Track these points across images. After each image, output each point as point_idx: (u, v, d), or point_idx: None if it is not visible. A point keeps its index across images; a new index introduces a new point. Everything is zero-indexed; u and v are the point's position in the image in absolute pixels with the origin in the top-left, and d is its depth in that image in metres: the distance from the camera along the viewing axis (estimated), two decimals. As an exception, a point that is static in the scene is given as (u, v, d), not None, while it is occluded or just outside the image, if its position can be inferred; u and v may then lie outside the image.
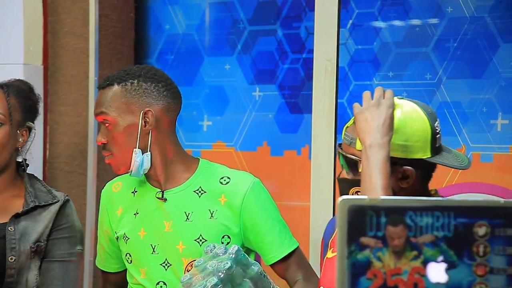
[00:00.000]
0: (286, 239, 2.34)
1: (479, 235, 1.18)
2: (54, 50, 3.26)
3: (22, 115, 2.41)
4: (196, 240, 2.30)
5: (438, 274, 1.18)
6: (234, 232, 2.31)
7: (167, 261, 2.32)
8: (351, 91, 2.97)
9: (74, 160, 3.25)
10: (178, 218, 2.33)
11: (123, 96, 2.30)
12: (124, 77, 2.32)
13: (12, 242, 2.30)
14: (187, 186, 2.35)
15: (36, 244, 2.32)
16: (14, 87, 2.41)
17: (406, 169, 1.91)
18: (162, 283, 2.31)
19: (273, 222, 2.33)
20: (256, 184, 2.34)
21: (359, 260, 1.16)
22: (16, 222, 2.33)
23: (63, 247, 2.36)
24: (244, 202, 2.31)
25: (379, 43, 2.95)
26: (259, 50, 3.18)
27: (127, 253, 2.37)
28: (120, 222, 2.40)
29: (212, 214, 2.31)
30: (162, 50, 3.36)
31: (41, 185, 2.44)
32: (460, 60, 2.81)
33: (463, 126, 2.80)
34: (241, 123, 3.19)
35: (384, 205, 1.17)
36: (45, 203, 2.37)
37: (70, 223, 2.39)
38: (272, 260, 2.32)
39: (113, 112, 2.29)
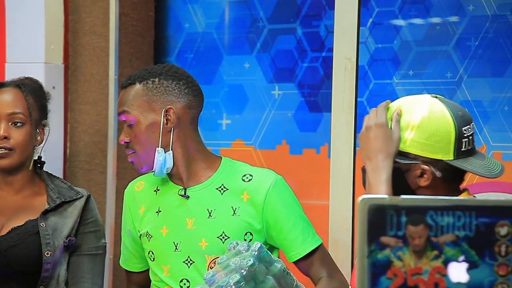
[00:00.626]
0: (309, 236, 2.33)
1: (501, 235, 1.17)
2: (75, 49, 3.28)
3: (39, 113, 2.44)
4: (219, 237, 2.31)
5: (459, 274, 1.17)
6: (257, 229, 2.31)
7: (190, 258, 2.32)
8: (371, 89, 2.97)
9: (94, 158, 3.26)
10: (201, 215, 2.33)
11: (145, 95, 2.31)
12: (146, 76, 2.33)
13: (47, 237, 2.33)
14: (210, 184, 2.35)
15: (68, 239, 2.36)
16: (29, 86, 2.44)
17: (423, 167, 1.91)
18: (185, 281, 2.32)
19: (296, 219, 2.33)
20: (279, 181, 2.34)
21: (380, 260, 1.16)
22: (46, 219, 2.36)
23: (90, 241, 2.41)
24: (266, 199, 2.31)
25: (399, 41, 2.94)
26: (278, 48, 3.17)
27: (149, 251, 2.38)
28: (142, 221, 2.41)
29: (235, 211, 2.32)
30: (182, 48, 3.36)
31: (60, 182, 2.47)
32: (482, 59, 2.79)
33: (484, 125, 2.78)
34: (260, 121, 3.19)
35: (405, 204, 1.17)
36: (70, 199, 2.40)
37: (95, 218, 2.43)
38: (295, 257, 2.32)
39: (135, 110, 2.30)
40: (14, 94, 2.40)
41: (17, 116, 2.38)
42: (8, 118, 2.37)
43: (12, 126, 2.37)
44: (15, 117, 2.38)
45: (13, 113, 2.37)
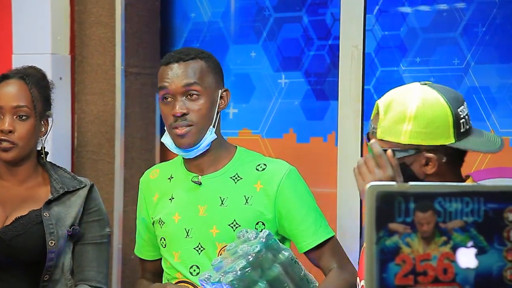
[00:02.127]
0: (321, 228, 2.34)
1: (509, 220, 1.18)
2: (81, 39, 3.28)
3: (43, 105, 2.45)
4: (230, 225, 2.32)
5: (468, 260, 1.17)
6: (268, 218, 2.32)
7: (200, 245, 2.34)
8: (378, 77, 2.96)
9: (101, 148, 3.27)
10: (213, 203, 2.35)
11: (211, 72, 2.35)
12: (204, 55, 2.36)
13: (50, 227, 2.34)
14: (224, 172, 2.37)
15: (72, 228, 2.38)
16: (34, 77, 2.44)
17: (428, 156, 1.91)
18: (196, 267, 2.33)
19: (308, 210, 2.34)
20: (292, 172, 2.35)
21: (388, 246, 1.16)
22: (49, 208, 2.37)
23: (94, 230, 2.43)
24: (279, 189, 2.32)
25: (406, 28, 2.93)
26: (284, 37, 3.17)
27: (161, 237, 2.40)
28: (156, 208, 2.42)
29: (247, 200, 2.33)
30: (188, 38, 3.36)
31: (63, 172, 2.49)
32: (489, 45, 2.78)
33: (492, 111, 2.78)
34: (267, 110, 3.19)
35: (413, 191, 1.17)
36: (73, 189, 2.42)
37: (98, 207, 2.45)
38: (306, 247, 2.32)
39: (204, 83, 2.32)
40: (19, 87, 2.40)
41: (22, 109, 2.38)
42: (13, 111, 2.37)
43: (16, 119, 2.38)
44: (20, 110, 2.38)
45: (18, 106, 2.38)
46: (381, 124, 1.93)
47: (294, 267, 2.25)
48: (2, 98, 2.39)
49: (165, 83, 2.31)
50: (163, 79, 2.33)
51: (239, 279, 2.12)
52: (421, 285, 1.17)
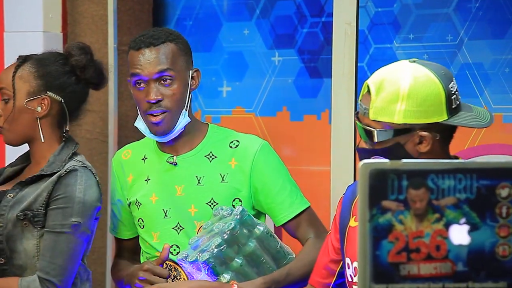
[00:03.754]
0: (297, 199, 2.36)
1: (502, 197, 1.18)
2: (73, 17, 3.26)
3: (38, 83, 2.35)
4: (207, 204, 2.33)
5: (460, 236, 1.18)
6: (244, 195, 2.33)
7: (179, 224, 2.35)
8: (371, 54, 2.96)
9: (95, 127, 3.26)
10: (190, 183, 2.35)
11: (181, 54, 2.33)
12: (172, 36, 2.34)
13: (3, 209, 2.29)
14: (199, 151, 2.37)
15: (23, 212, 2.28)
16: (33, 57, 2.39)
17: (422, 134, 1.91)
18: (175, 246, 2.34)
19: (284, 183, 2.35)
20: (265, 146, 2.36)
21: (381, 224, 1.16)
22: (21, 190, 2.32)
23: (56, 218, 2.28)
24: (253, 165, 2.33)
25: (399, 5, 2.92)
26: (277, 14, 3.16)
27: (139, 219, 2.40)
28: (131, 189, 2.42)
29: (223, 178, 2.34)
30: (181, 15, 3.35)
31: (65, 155, 2.37)
32: (482, 21, 2.78)
33: (485, 87, 2.78)
34: (261, 88, 3.19)
35: (406, 168, 1.17)
36: (51, 172, 2.31)
37: (68, 194, 2.29)
38: (284, 219, 2.34)
39: (177, 67, 2.31)
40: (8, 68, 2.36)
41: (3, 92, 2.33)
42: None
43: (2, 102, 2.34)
44: (2, 92, 2.33)
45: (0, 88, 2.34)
46: (373, 105, 1.90)
47: (270, 241, 2.26)
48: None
49: (137, 70, 2.29)
50: (135, 65, 2.30)
51: (215, 257, 2.13)
52: (414, 262, 1.17)
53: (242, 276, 2.18)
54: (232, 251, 2.17)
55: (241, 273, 2.19)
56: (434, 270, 1.17)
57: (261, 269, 2.22)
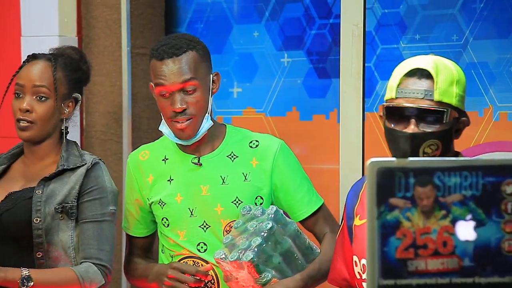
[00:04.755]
0: (313, 196, 2.40)
1: (507, 193, 1.18)
2: (88, 21, 3.27)
3: (69, 87, 2.43)
4: (233, 202, 2.35)
5: (467, 232, 1.18)
6: (266, 192, 2.36)
7: (205, 223, 2.36)
8: (378, 54, 2.95)
9: (109, 128, 3.27)
10: (215, 182, 2.37)
11: (202, 61, 2.34)
12: (192, 44, 2.34)
13: (38, 204, 2.32)
14: (220, 152, 2.39)
15: (61, 205, 2.34)
16: (63, 59, 2.43)
17: (464, 120, 1.90)
18: (203, 244, 2.36)
19: (302, 181, 2.39)
20: (283, 146, 2.40)
21: (389, 221, 1.17)
22: (46, 185, 2.36)
23: (95, 208, 2.37)
24: (274, 163, 2.36)
25: (405, 6, 2.92)
26: (286, 16, 3.16)
27: (163, 218, 2.41)
28: (152, 189, 2.43)
29: (246, 177, 2.36)
30: (192, 19, 3.35)
31: (76, 150, 2.45)
32: (487, 21, 2.77)
33: (490, 86, 2.77)
34: (270, 89, 3.19)
35: (413, 166, 1.17)
36: (73, 166, 2.38)
37: (100, 185, 2.38)
38: (303, 216, 2.38)
39: (199, 76, 2.32)
40: (43, 67, 2.40)
41: (41, 89, 2.37)
42: (33, 91, 2.38)
43: (36, 99, 2.38)
44: (39, 90, 2.37)
45: (38, 86, 2.38)
46: (437, 86, 1.85)
47: (300, 238, 2.30)
48: (24, 76, 2.39)
49: (162, 80, 2.30)
50: (159, 76, 2.30)
51: (257, 255, 2.15)
52: (421, 257, 1.17)
53: (279, 273, 2.21)
54: (271, 250, 2.19)
55: (279, 271, 2.21)
56: (441, 265, 1.17)
57: (294, 265, 2.25)
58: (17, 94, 2.39)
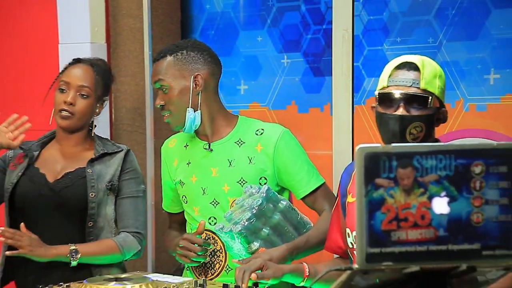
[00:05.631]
0: (313, 177, 2.36)
1: (475, 173, 1.18)
2: (115, 30, 3.27)
3: (103, 90, 2.50)
4: (238, 182, 2.34)
5: (441, 207, 1.18)
6: (269, 174, 2.34)
7: (215, 200, 2.36)
8: (365, 55, 2.95)
9: (134, 122, 3.28)
10: (223, 165, 2.37)
11: (176, 65, 2.34)
12: (175, 49, 2.36)
13: (92, 181, 2.39)
14: (229, 139, 2.39)
15: (110, 183, 2.42)
16: (99, 67, 2.49)
17: (444, 111, 1.90)
18: (213, 218, 2.37)
19: (302, 163, 2.36)
20: (286, 133, 2.37)
21: (375, 198, 1.17)
22: (92, 166, 2.42)
23: (131, 186, 2.45)
24: (276, 149, 2.34)
25: (388, 13, 2.91)
26: (286, 23, 3.16)
27: (183, 196, 2.43)
28: (176, 171, 2.45)
29: (251, 160, 2.35)
30: (204, 26, 3.35)
31: (107, 140, 2.54)
32: (458, 26, 2.77)
33: (461, 82, 2.77)
34: (272, 86, 3.18)
35: (395, 151, 1.18)
36: (112, 151, 2.46)
37: (134, 167, 2.47)
38: (303, 194, 2.35)
39: (168, 78, 2.33)
40: (86, 71, 2.45)
41: (84, 89, 2.43)
42: (77, 89, 2.42)
43: (79, 96, 2.42)
44: (83, 89, 2.43)
45: (82, 85, 2.43)
46: (423, 76, 1.85)
47: (291, 213, 2.27)
48: (71, 76, 2.43)
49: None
50: None
51: (246, 228, 2.15)
52: (403, 229, 1.17)
53: (270, 244, 2.20)
54: (260, 223, 2.19)
55: (269, 241, 2.20)
56: (419, 235, 1.17)
57: (285, 237, 2.24)
58: (62, 89, 2.44)
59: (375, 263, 1.16)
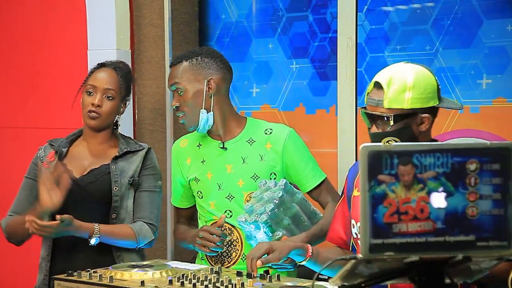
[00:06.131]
0: (317, 172, 2.39)
1: (471, 170, 1.18)
2: (139, 37, 3.28)
3: (126, 92, 2.50)
4: (251, 177, 2.35)
5: (439, 201, 1.18)
6: (278, 169, 2.35)
7: (230, 194, 2.36)
8: (367, 61, 2.94)
9: (156, 121, 3.28)
10: (237, 162, 2.37)
11: (191, 70, 2.35)
12: (190, 55, 2.37)
13: (115, 177, 2.39)
14: (241, 138, 2.39)
15: (132, 178, 2.41)
16: (122, 70, 2.49)
17: (424, 116, 1.89)
18: (229, 211, 2.37)
19: (307, 160, 2.38)
20: (292, 132, 2.39)
21: (378, 193, 1.17)
22: (115, 163, 2.42)
23: (149, 181, 2.44)
24: (284, 147, 2.35)
25: (388, 23, 2.90)
26: (294, 32, 3.15)
27: (198, 191, 2.42)
28: (190, 169, 2.45)
29: (262, 157, 2.36)
30: (220, 34, 3.35)
31: (130, 139, 2.54)
32: (453, 34, 2.76)
33: (456, 86, 2.76)
34: (282, 89, 3.18)
35: (396, 149, 1.17)
36: (134, 150, 2.45)
37: (153, 164, 2.47)
38: (309, 188, 2.38)
39: (184, 81, 2.34)
40: (111, 74, 2.45)
41: (110, 91, 2.43)
42: (104, 91, 2.42)
43: (105, 98, 2.42)
44: (109, 91, 2.43)
45: (108, 88, 2.43)
46: (387, 96, 1.85)
47: (306, 204, 2.29)
48: (97, 79, 2.43)
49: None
50: None
51: (270, 218, 2.16)
52: (403, 222, 1.17)
53: (290, 233, 2.21)
54: (281, 213, 2.20)
55: (289, 230, 2.21)
56: (419, 227, 1.17)
57: (301, 226, 2.26)
58: (89, 92, 2.44)
59: (378, 253, 1.16)
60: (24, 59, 3.53)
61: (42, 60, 3.47)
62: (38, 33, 3.47)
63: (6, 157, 3.60)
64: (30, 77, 3.52)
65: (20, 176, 2.53)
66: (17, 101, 3.57)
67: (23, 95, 3.55)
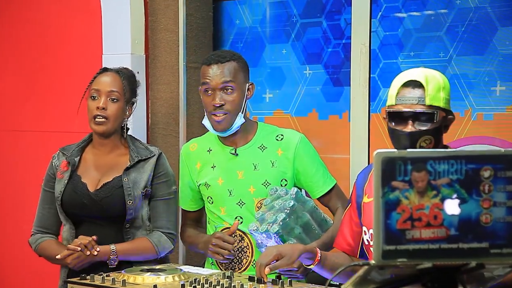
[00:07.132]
0: (328, 178, 2.38)
1: (485, 177, 1.17)
2: (153, 42, 3.29)
3: (130, 94, 2.46)
4: (263, 184, 2.33)
5: (453, 208, 1.17)
6: (289, 176, 2.34)
7: (241, 201, 2.35)
8: (381, 67, 2.94)
9: (169, 126, 3.29)
10: (248, 168, 2.36)
11: (241, 70, 2.33)
12: (235, 56, 2.34)
13: (128, 190, 2.36)
14: (252, 144, 2.38)
15: (144, 189, 2.39)
16: (125, 73, 2.47)
17: (450, 118, 1.89)
18: (239, 217, 2.36)
19: (318, 166, 2.37)
20: (303, 138, 2.38)
21: (391, 199, 1.16)
22: (127, 175, 2.39)
23: (163, 189, 2.42)
24: (295, 153, 2.34)
25: (402, 29, 2.90)
26: (308, 37, 3.16)
27: (208, 197, 2.41)
28: (200, 174, 2.43)
29: (273, 164, 2.34)
30: (234, 40, 3.36)
31: (139, 143, 2.48)
32: (467, 41, 2.75)
33: (470, 93, 2.75)
34: (295, 94, 3.18)
35: (410, 156, 1.17)
36: (145, 157, 2.41)
37: (165, 170, 2.43)
38: (320, 193, 2.37)
39: (237, 80, 2.31)
40: (114, 77, 2.44)
41: (114, 93, 2.41)
42: (108, 94, 2.41)
43: (109, 101, 2.41)
44: (113, 94, 2.41)
45: (111, 90, 2.41)
46: (428, 93, 1.84)
47: (316, 213, 2.28)
48: (100, 83, 2.42)
49: (207, 80, 2.31)
50: (205, 77, 2.31)
51: (282, 228, 2.15)
52: (416, 228, 1.17)
53: (301, 242, 2.20)
54: (292, 222, 2.18)
55: (300, 239, 2.20)
56: (432, 234, 1.17)
57: (311, 235, 2.25)
58: (93, 97, 2.42)
59: (391, 260, 1.15)
60: (39, 63, 3.56)
61: (58, 65, 3.49)
62: (54, 37, 3.50)
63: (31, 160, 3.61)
64: (45, 81, 3.54)
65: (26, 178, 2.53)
66: (34, 105, 3.60)
67: (39, 99, 3.57)
